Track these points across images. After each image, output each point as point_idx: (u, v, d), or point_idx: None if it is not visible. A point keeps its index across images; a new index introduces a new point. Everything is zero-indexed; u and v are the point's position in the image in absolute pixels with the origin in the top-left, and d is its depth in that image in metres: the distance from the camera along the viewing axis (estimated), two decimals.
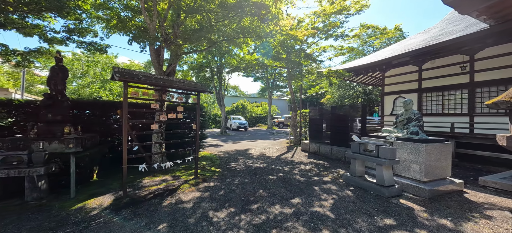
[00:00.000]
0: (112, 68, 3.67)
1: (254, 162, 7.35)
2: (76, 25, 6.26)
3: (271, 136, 17.12)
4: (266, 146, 11.28)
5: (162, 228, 3.03)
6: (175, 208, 3.63)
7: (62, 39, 6.76)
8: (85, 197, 3.97)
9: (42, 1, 4.64)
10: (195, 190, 4.47)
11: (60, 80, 4.88)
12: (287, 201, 3.99)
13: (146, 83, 4.11)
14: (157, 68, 5.44)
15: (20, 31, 6.02)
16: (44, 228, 2.94)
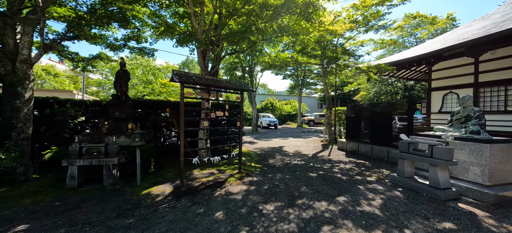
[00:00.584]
0: (172, 71, 4.11)
1: (291, 159, 7.44)
2: (134, 33, 7.04)
3: (302, 134, 16.93)
4: (299, 144, 11.24)
5: (219, 215, 3.33)
6: (226, 199, 3.93)
7: (119, 46, 7.68)
8: (148, 184, 4.53)
9: (112, 15, 5.36)
10: (241, 184, 4.75)
11: (124, 83, 5.59)
12: (333, 199, 4.01)
13: (199, 84, 4.50)
14: (204, 69, 5.87)
15: (88, 40, 7.00)
16: (124, 209, 3.46)
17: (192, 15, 5.39)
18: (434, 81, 10.47)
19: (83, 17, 5.86)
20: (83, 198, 3.78)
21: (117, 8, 5.82)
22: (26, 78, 5.13)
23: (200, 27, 5.51)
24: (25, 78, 5.10)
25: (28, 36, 5.16)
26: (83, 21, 5.99)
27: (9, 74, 4.95)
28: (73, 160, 4.12)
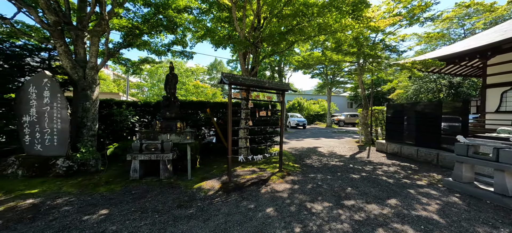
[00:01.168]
0: (221, 73, 4.37)
1: (328, 160, 7.33)
2: (177, 39, 7.59)
3: (333, 134, 16.44)
4: (333, 144, 10.97)
5: (270, 211, 3.47)
6: (273, 196, 4.07)
7: (164, 51, 8.33)
8: (198, 179, 4.88)
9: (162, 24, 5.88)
10: (284, 182, 4.85)
11: (173, 85, 6.07)
12: (383, 201, 3.90)
13: (245, 85, 4.72)
14: (245, 70, 6.11)
15: (139, 47, 7.73)
16: (182, 200, 3.80)
17: (234, 20, 5.65)
18: (490, 77, 9.39)
19: (138, 27, 6.51)
20: (146, 189, 4.23)
21: (166, 17, 6.35)
22: (94, 83, 5.88)
23: (242, 31, 5.75)
24: (93, 82, 5.85)
25: (95, 46, 5.91)
26: (137, 30, 6.65)
27: (80, 79, 5.72)
28: (135, 155, 4.63)
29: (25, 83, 4.64)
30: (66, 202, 3.60)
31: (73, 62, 5.63)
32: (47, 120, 4.66)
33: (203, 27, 7.62)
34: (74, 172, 4.69)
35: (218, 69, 54.27)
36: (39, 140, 4.67)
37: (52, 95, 4.67)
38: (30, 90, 4.61)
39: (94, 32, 5.89)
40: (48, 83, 4.65)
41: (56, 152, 4.72)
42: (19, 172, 4.40)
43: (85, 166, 4.86)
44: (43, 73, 4.67)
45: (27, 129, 4.64)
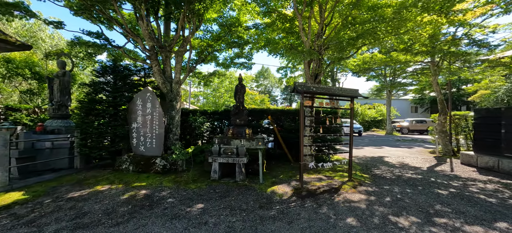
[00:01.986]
0: (293, 83, 4.60)
1: (400, 171, 6.68)
2: (242, 52, 8.26)
3: (398, 143, 14.77)
4: (401, 154, 9.88)
5: (351, 221, 3.42)
6: (350, 206, 3.99)
7: (228, 64, 9.15)
8: (269, 183, 5.17)
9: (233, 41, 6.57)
10: (357, 192, 4.68)
11: (242, 95, 6.63)
12: (489, 224, 3.37)
13: (316, 93, 4.82)
14: (309, 78, 6.22)
15: (208, 62, 8.70)
16: (262, 202, 4.11)
17: (301, 30, 5.85)
18: None
19: (210, 45, 7.39)
20: (226, 189, 4.73)
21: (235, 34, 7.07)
22: (178, 95, 6.92)
23: (307, 40, 5.90)
24: (177, 94, 6.90)
25: (179, 64, 6.99)
26: (210, 48, 7.56)
27: (168, 92, 6.83)
28: (215, 158, 5.24)
29: (134, 97, 5.85)
30: (169, 195, 4.35)
31: (163, 78, 6.78)
32: (148, 126, 5.73)
33: (263, 38, 8.10)
34: (167, 170, 5.60)
35: (265, 76, 55.61)
36: (143, 142, 5.77)
37: (153, 106, 5.73)
38: (137, 102, 5.78)
39: (178, 52, 6.99)
40: (150, 96, 5.75)
41: (154, 153, 5.74)
42: (130, 167, 5.54)
43: (175, 166, 5.75)
44: (147, 89, 5.80)
45: (135, 134, 5.80)
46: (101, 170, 5.80)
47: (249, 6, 7.37)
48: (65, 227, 3.16)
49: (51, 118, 6.13)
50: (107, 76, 6.28)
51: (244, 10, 7.53)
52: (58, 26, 6.61)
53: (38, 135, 5.68)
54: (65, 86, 6.22)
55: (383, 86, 23.39)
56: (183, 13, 6.07)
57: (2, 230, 3.13)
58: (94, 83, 6.18)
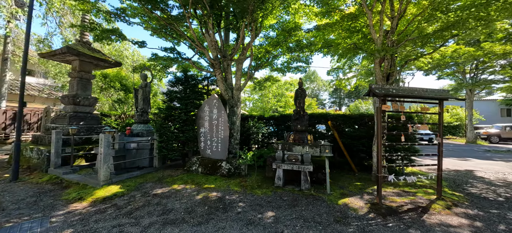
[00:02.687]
0: (369, 85, 4.15)
1: (507, 191, 5.30)
2: (298, 56, 8.09)
3: (489, 155, 11.98)
4: (499, 169, 7.94)
5: None
6: (450, 232, 3.30)
7: (283, 69, 9.07)
8: (338, 195, 4.78)
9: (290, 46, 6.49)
10: (453, 215, 3.88)
11: (302, 99, 6.43)
12: None
13: (395, 96, 4.25)
14: (381, 79, 5.59)
15: (264, 67, 8.81)
16: (336, 216, 3.80)
17: (370, 27, 5.32)
18: None
19: (269, 51, 7.46)
20: (293, 197, 4.57)
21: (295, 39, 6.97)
22: (238, 101, 7.19)
23: (380, 37, 5.32)
24: (238, 100, 7.17)
25: (240, 71, 7.27)
26: (267, 54, 7.64)
27: (230, 99, 7.15)
28: (279, 164, 5.16)
29: (202, 103, 6.32)
30: (239, 199, 4.46)
31: (226, 85, 7.14)
32: (215, 131, 6.09)
33: (321, 40, 7.72)
34: (232, 173, 5.81)
35: (311, 80, 53.83)
36: (209, 146, 6.15)
37: (219, 112, 6.07)
38: (205, 109, 6.22)
39: (239, 60, 7.28)
40: (216, 103, 6.11)
41: (220, 156, 6.04)
42: (200, 169, 5.96)
43: (238, 170, 5.92)
44: (213, 96, 6.20)
45: (202, 138, 6.24)
46: (174, 170, 6.43)
47: (307, 8, 7.17)
48: (156, 222, 3.53)
49: (135, 123, 7.18)
50: (179, 85, 6.97)
51: (301, 13, 7.36)
52: (141, 45, 7.75)
53: (127, 137, 6.70)
54: (146, 95, 7.21)
55: (461, 85, 19.54)
56: (243, 23, 6.30)
57: (109, 218, 3.70)
58: (169, 92, 6.95)
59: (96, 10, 6.85)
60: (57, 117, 7.74)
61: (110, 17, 7.14)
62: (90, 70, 8.19)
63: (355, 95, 47.80)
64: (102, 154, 4.98)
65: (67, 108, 7.75)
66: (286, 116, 8.66)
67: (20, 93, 5.72)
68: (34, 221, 3.63)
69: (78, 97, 7.65)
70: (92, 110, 8.25)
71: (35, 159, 6.58)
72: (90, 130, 7.62)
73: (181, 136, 6.21)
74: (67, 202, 4.37)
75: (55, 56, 7.63)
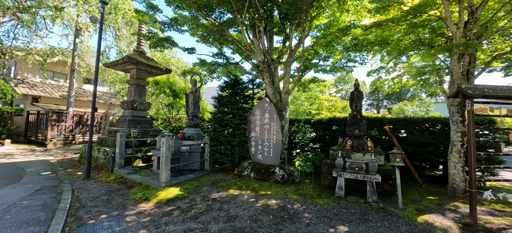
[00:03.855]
0: (457, 86, 3.57)
1: None
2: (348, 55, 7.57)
3: None
4: None
5: None
6: None
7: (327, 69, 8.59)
8: (412, 210, 4.21)
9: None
10: None
11: (359, 102, 5.93)
12: None
13: (491, 97, 3.58)
14: (460, 77, 4.83)
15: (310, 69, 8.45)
16: None
17: (447, 19, 4.65)
18: None
19: (318, 52, 7.12)
20: (362, 211, 4.14)
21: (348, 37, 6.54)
22: (287, 104, 6.97)
23: (458, 30, 4.61)
24: (286, 104, 6.95)
25: (288, 74, 7.06)
26: (315, 55, 7.30)
27: (278, 102, 6.97)
28: (341, 172, 4.77)
29: (253, 108, 6.25)
30: (302, 209, 4.20)
31: (273, 89, 6.99)
32: (266, 136, 5.95)
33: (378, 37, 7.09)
34: (285, 180, 5.58)
35: (345, 81, 51.23)
36: (260, 151, 6.03)
37: (271, 116, 5.92)
38: (256, 113, 6.13)
39: (287, 63, 7.08)
40: (268, 107, 5.98)
41: (271, 161, 5.87)
42: (251, 174, 5.86)
43: (292, 177, 5.67)
44: (265, 100, 6.09)
45: (253, 142, 6.16)
46: (224, 174, 6.46)
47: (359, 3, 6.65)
48: (224, 229, 3.45)
49: (186, 127, 7.44)
50: (228, 90, 7.04)
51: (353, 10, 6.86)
52: (190, 52, 8.08)
53: (180, 140, 6.96)
54: (196, 100, 7.45)
55: None
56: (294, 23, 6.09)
57: (177, 221, 3.75)
58: (219, 97, 7.06)
59: (152, 20, 7.33)
60: (118, 121, 8.45)
61: (163, 26, 7.59)
62: (145, 77, 8.81)
63: (396, 97, 44.06)
64: (163, 157, 5.19)
65: (126, 113, 8.42)
66: (333, 120, 8.16)
67: (93, 99, 6.34)
68: (112, 220, 3.87)
69: (135, 103, 8.27)
70: (146, 115, 8.84)
71: (101, 159, 7.23)
72: (144, 133, 8.14)
73: (233, 141, 6.21)
74: (135, 201, 4.61)
75: (117, 65, 8.38)
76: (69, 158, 9.25)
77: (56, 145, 12.41)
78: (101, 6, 6.46)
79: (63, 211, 4.07)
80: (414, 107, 27.79)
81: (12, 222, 3.57)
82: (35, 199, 4.57)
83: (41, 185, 5.49)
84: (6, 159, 8.61)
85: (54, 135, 12.49)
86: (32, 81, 17.12)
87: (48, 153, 10.49)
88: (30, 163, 8.08)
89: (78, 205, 4.41)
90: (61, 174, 6.65)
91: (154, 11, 7.09)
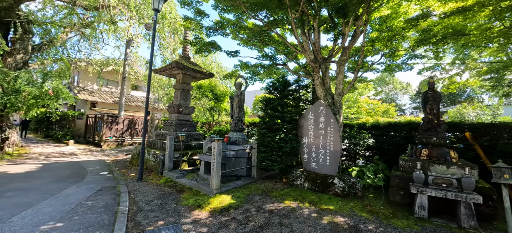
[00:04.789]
0: None
1: None
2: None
3: None
4: None
5: None
6: None
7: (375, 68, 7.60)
8: None
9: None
10: None
11: (436, 104, 4.99)
12: None
13: None
14: None
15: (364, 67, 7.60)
16: None
17: None
18: None
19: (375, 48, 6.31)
20: None
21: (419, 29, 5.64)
22: (340, 107, 6.28)
23: None
24: (340, 107, 6.26)
25: (342, 73, 6.39)
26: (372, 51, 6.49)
27: (330, 105, 6.32)
28: (422, 189, 3.95)
29: (305, 111, 5.75)
30: (380, 232, 3.52)
31: (325, 90, 6.39)
32: (321, 142, 5.38)
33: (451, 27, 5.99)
34: (346, 193, 4.91)
35: (386, 82, 47.23)
36: (314, 159, 5.47)
37: (327, 121, 5.34)
38: (309, 117, 5.61)
39: (340, 62, 6.42)
40: (323, 110, 5.42)
41: (328, 171, 5.26)
42: (306, 184, 5.33)
43: (353, 189, 4.97)
44: (319, 102, 5.54)
45: (306, 149, 5.63)
46: (273, 182, 6.04)
47: None
48: None
49: (231, 131, 7.26)
50: (276, 92, 6.65)
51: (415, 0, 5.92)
52: (234, 55, 7.96)
53: (226, 145, 6.78)
54: (241, 103, 7.23)
55: None
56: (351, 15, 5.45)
57: None
58: (266, 100, 6.72)
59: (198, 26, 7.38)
60: (165, 124, 8.72)
61: (209, 31, 7.61)
62: (189, 82, 8.98)
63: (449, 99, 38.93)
64: (215, 162, 4.99)
65: (172, 116, 8.64)
66: (393, 125, 7.15)
67: (146, 103, 6.56)
68: (170, 228, 3.72)
69: (181, 107, 8.42)
70: (191, 118, 8.97)
71: (151, 161, 7.45)
72: (189, 137, 8.22)
73: (285, 147, 5.77)
74: (188, 208, 4.46)
75: (165, 71, 8.69)
76: (121, 159, 9.88)
77: (110, 146, 13.54)
78: (154, 14, 6.70)
79: (123, 215, 4.08)
80: (477, 110, 23.88)
81: (80, 224, 3.65)
82: (97, 200, 4.73)
83: (101, 186, 5.76)
84: (71, 158, 9.55)
85: (107, 136, 13.66)
86: (90, 88, 19.25)
87: (103, 153, 11.42)
88: (90, 163, 8.78)
89: (136, 209, 4.42)
90: (116, 175, 7.00)
91: (201, 17, 7.14)
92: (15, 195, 4.76)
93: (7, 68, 8.57)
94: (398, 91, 46.57)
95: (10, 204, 4.27)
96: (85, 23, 12.63)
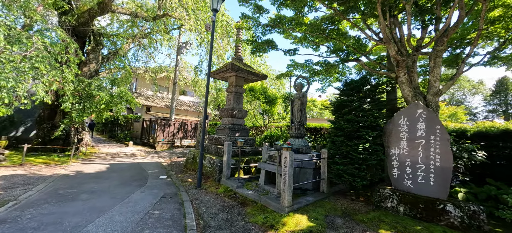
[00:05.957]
0: None
1: None
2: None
3: None
4: None
5: None
6: None
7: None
8: None
9: None
10: None
11: None
12: None
13: None
14: None
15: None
16: None
17: None
18: None
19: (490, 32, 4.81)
20: None
21: None
22: (437, 110, 4.95)
23: None
24: (437, 109, 4.93)
25: (438, 67, 5.06)
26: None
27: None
28: None
29: (395, 115, 4.65)
30: None
31: (413, 89, 5.15)
32: (421, 154, 4.20)
33: None
34: (466, 225, 3.65)
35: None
36: (410, 175, 4.31)
37: (428, 127, 4.16)
38: (400, 122, 4.50)
39: (436, 53, 5.09)
40: (423, 114, 4.25)
41: (432, 193, 4.05)
42: (400, 208, 4.21)
43: (475, 221, 3.67)
44: (417, 104, 4.38)
45: (395, 162, 4.51)
46: (348, 200, 5.06)
47: None
48: None
49: (292, 137, 6.51)
50: (353, 93, 5.65)
51: None
52: (292, 53, 7.25)
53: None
54: (303, 106, 6.43)
55: None
56: None
57: None
58: (339, 102, 5.79)
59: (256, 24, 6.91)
60: (218, 129, 8.47)
61: (265, 29, 7.07)
62: (242, 84, 8.59)
63: None
64: (287, 175, 4.28)
65: (225, 120, 8.34)
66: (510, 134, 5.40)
67: (204, 106, 6.29)
68: None
69: (234, 110, 8.05)
70: (243, 123, 8.55)
71: (207, 167, 7.19)
72: (244, 142, 7.76)
73: (370, 159, 4.75)
74: (259, 228, 3.83)
75: (218, 74, 8.47)
76: (175, 162, 10.04)
77: (163, 147, 14.21)
78: (212, 14, 6.45)
79: (193, 231, 3.67)
80: None
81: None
82: (163, 210, 4.48)
83: (164, 192, 5.61)
84: (132, 159, 10.10)
85: (160, 139, 14.38)
86: (146, 94, 20.93)
87: (158, 155, 11.91)
88: (149, 165, 9.07)
89: (203, 224, 3.99)
90: (175, 179, 6.91)
91: (259, 13, 6.65)
92: (89, 198, 4.86)
93: (82, 76, 9.51)
94: (467, 90, 39.43)
95: (85, 209, 4.30)
96: (144, 34, 13.59)
